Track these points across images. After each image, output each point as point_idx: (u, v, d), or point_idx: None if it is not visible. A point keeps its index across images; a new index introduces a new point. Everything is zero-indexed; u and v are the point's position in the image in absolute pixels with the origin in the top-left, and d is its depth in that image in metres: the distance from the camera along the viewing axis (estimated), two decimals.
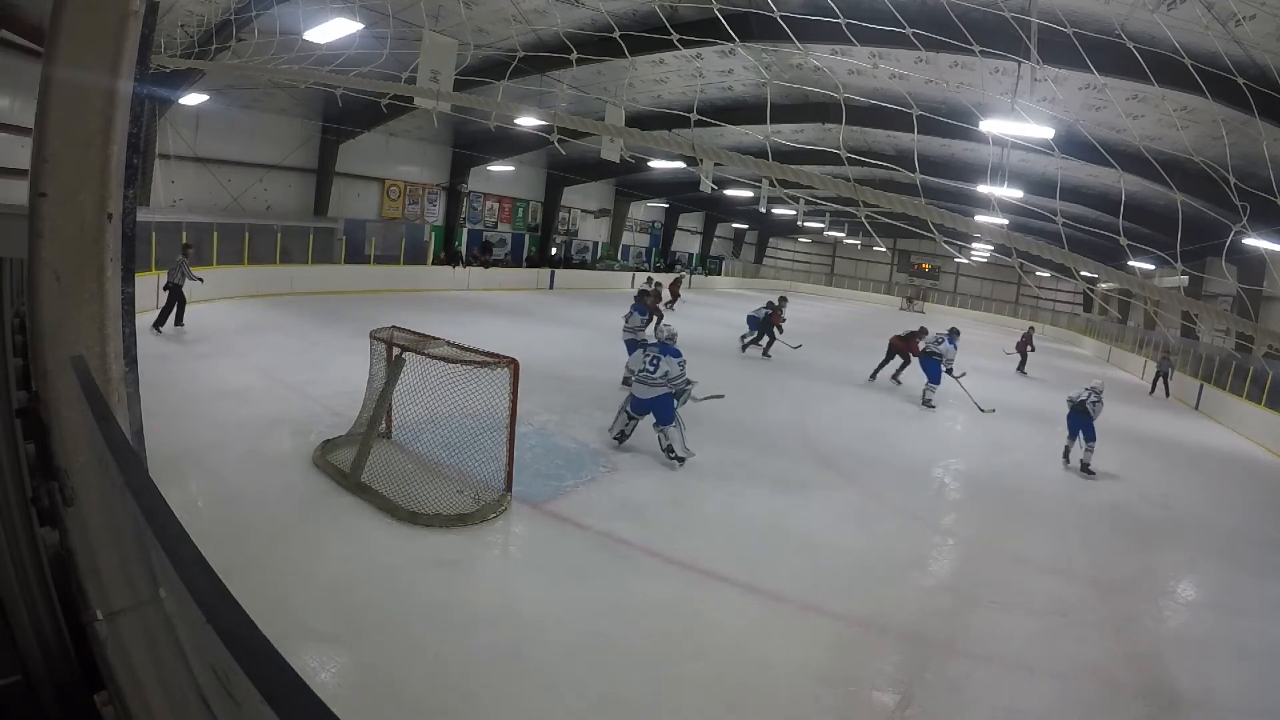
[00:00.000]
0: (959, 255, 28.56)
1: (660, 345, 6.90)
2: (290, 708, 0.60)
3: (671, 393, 6.61)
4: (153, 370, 5.43)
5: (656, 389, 6.57)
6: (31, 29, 9.02)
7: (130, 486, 1.02)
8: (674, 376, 6.58)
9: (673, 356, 6.72)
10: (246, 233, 14.81)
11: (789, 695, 3.51)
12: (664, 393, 6.56)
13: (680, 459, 6.66)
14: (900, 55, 10.57)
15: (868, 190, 2.89)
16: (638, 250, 32.20)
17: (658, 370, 6.55)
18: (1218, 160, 7.61)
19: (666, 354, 6.71)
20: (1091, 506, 7.37)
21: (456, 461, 5.52)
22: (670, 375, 6.56)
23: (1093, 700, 3.85)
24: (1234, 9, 6.86)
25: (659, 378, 6.54)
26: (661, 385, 6.56)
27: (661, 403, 6.55)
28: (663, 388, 6.56)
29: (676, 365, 6.63)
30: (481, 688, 3.29)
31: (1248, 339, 15.41)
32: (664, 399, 6.54)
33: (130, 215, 2.18)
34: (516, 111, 8.47)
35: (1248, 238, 10.00)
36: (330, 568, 4.18)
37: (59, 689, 1.28)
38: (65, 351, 1.87)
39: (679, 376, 6.63)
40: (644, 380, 6.61)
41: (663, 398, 6.55)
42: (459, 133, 20.29)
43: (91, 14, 1.85)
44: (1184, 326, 18.88)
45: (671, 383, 6.58)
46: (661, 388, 6.57)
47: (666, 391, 6.58)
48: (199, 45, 10.08)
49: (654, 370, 6.56)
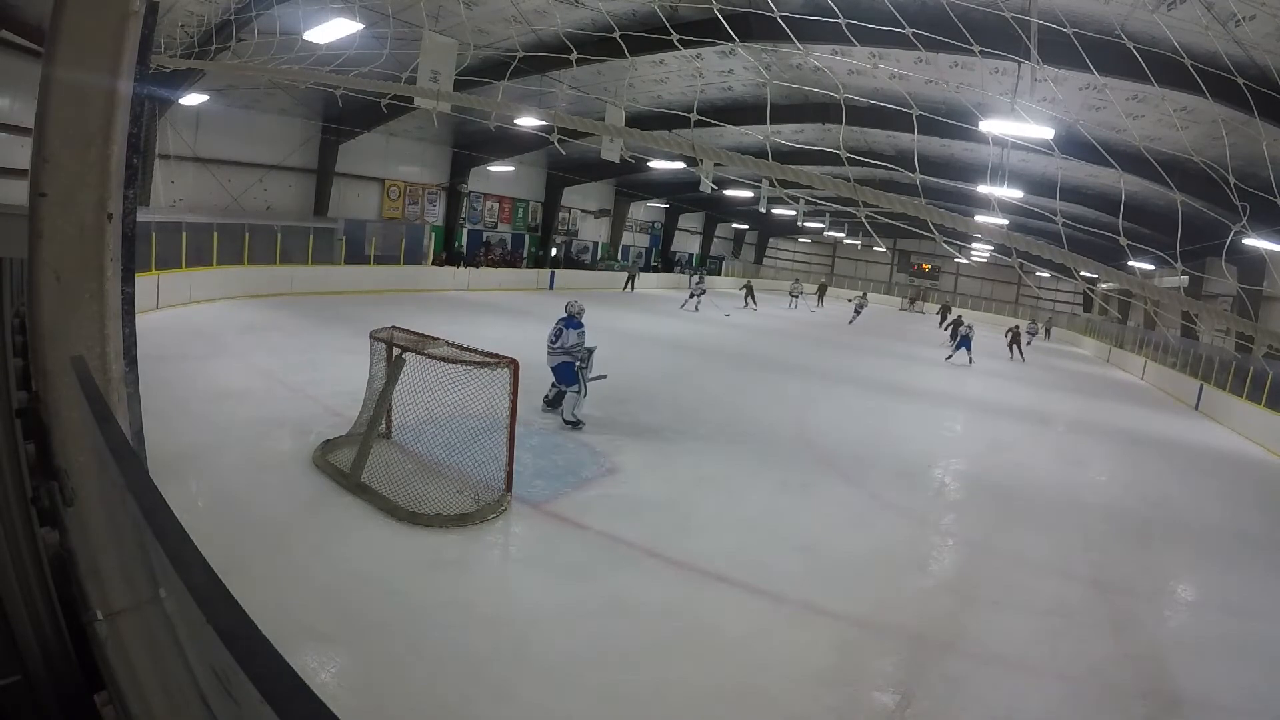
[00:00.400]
0: (959, 255, 28.53)
1: (566, 319, 7.68)
2: (290, 708, 0.60)
3: (572, 361, 7.51)
4: (153, 370, 5.42)
5: (557, 357, 7.57)
6: (31, 29, 9.05)
7: (130, 486, 1.02)
8: (571, 345, 7.51)
9: (574, 329, 7.60)
10: (246, 233, 14.81)
11: (789, 695, 3.51)
12: (563, 360, 7.54)
13: (570, 422, 7.45)
14: (900, 55, 10.56)
15: (868, 190, 2.89)
16: (637, 250, 32.22)
17: (559, 340, 7.55)
18: (1218, 160, 7.62)
19: (569, 326, 7.59)
20: (1091, 506, 7.37)
21: (456, 462, 5.52)
22: (567, 344, 7.50)
23: (1093, 700, 3.85)
24: (1234, 9, 6.86)
25: (558, 347, 7.54)
26: (561, 354, 7.53)
27: (563, 367, 7.59)
28: (562, 356, 7.53)
29: (575, 335, 7.56)
30: (481, 688, 3.29)
31: (1248, 339, 15.41)
32: (564, 365, 7.56)
33: (130, 215, 2.18)
34: (516, 111, 8.47)
35: (1248, 238, 10.00)
36: (330, 568, 4.18)
37: (59, 689, 1.28)
38: (65, 351, 1.87)
39: (576, 345, 7.54)
40: (549, 351, 7.61)
41: (563, 364, 7.55)
42: (459, 133, 20.29)
43: (91, 14, 1.85)
44: (1184, 326, 18.87)
45: (569, 351, 7.50)
46: (561, 356, 7.53)
47: (567, 360, 7.52)
48: (199, 45, 10.08)
49: (555, 340, 7.57)
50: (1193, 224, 11.58)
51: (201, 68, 10.75)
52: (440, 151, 21.05)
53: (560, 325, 7.60)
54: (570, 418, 7.49)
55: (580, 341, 7.59)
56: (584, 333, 7.70)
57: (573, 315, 7.74)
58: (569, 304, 7.92)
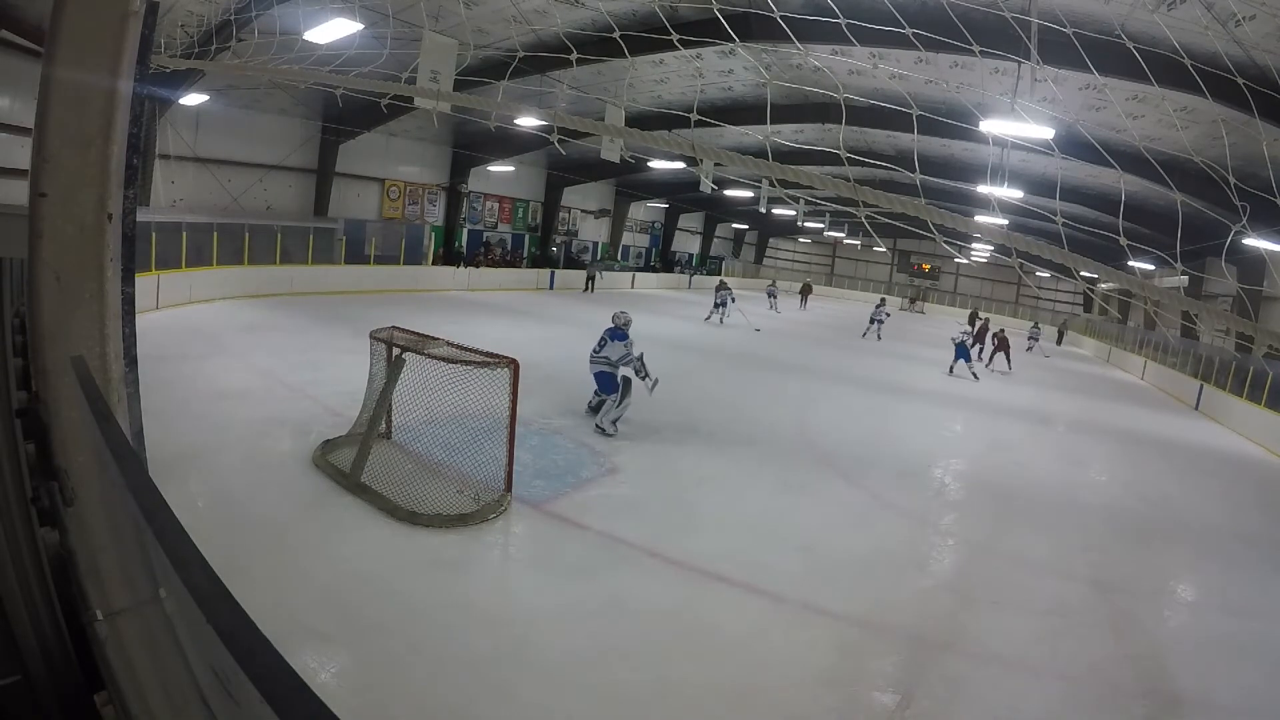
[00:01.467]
0: (959, 255, 28.54)
1: (611, 330, 7.80)
2: (290, 708, 0.60)
3: (613, 371, 7.63)
4: (153, 370, 5.42)
5: (599, 366, 7.72)
6: (31, 29, 9.05)
7: (130, 486, 1.02)
8: (618, 357, 7.63)
9: (619, 340, 7.70)
10: (246, 233, 14.81)
11: (789, 695, 3.51)
12: (604, 369, 7.66)
13: (601, 428, 7.50)
14: (900, 55, 10.56)
15: (868, 190, 2.89)
16: (637, 250, 32.22)
17: (603, 351, 7.70)
18: (1218, 160, 7.62)
19: (614, 338, 7.72)
20: (1091, 506, 7.37)
21: (456, 461, 5.52)
22: (614, 356, 7.62)
23: (1093, 700, 3.85)
24: (1234, 9, 6.86)
25: (601, 356, 7.70)
26: (603, 363, 7.67)
27: (603, 376, 7.70)
28: (604, 365, 7.67)
29: (621, 347, 7.67)
30: (481, 688, 3.29)
31: (1248, 339, 15.41)
32: (604, 374, 7.67)
33: (130, 215, 2.18)
34: (516, 111, 8.46)
35: (1248, 238, 10.00)
36: (330, 568, 4.18)
37: (59, 689, 1.28)
38: (65, 351, 1.87)
39: (623, 356, 7.65)
40: (592, 359, 7.77)
41: (604, 373, 7.67)
42: (459, 133, 20.29)
43: (91, 14, 1.85)
44: (1184, 327, 18.87)
45: (613, 363, 7.64)
46: (603, 365, 7.67)
47: (608, 370, 7.64)
48: (199, 45, 10.07)
49: (599, 350, 7.74)
50: (1193, 224, 11.58)
51: (201, 68, 10.74)
52: (440, 151, 21.05)
53: (605, 336, 7.76)
54: (603, 424, 7.54)
55: (627, 353, 7.65)
56: (630, 344, 7.77)
57: (618, 327, 7.83)
58: (615, 315, 7.99)
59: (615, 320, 7.91)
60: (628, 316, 8.03)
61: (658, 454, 7.06)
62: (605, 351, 7.67)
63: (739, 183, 22.02)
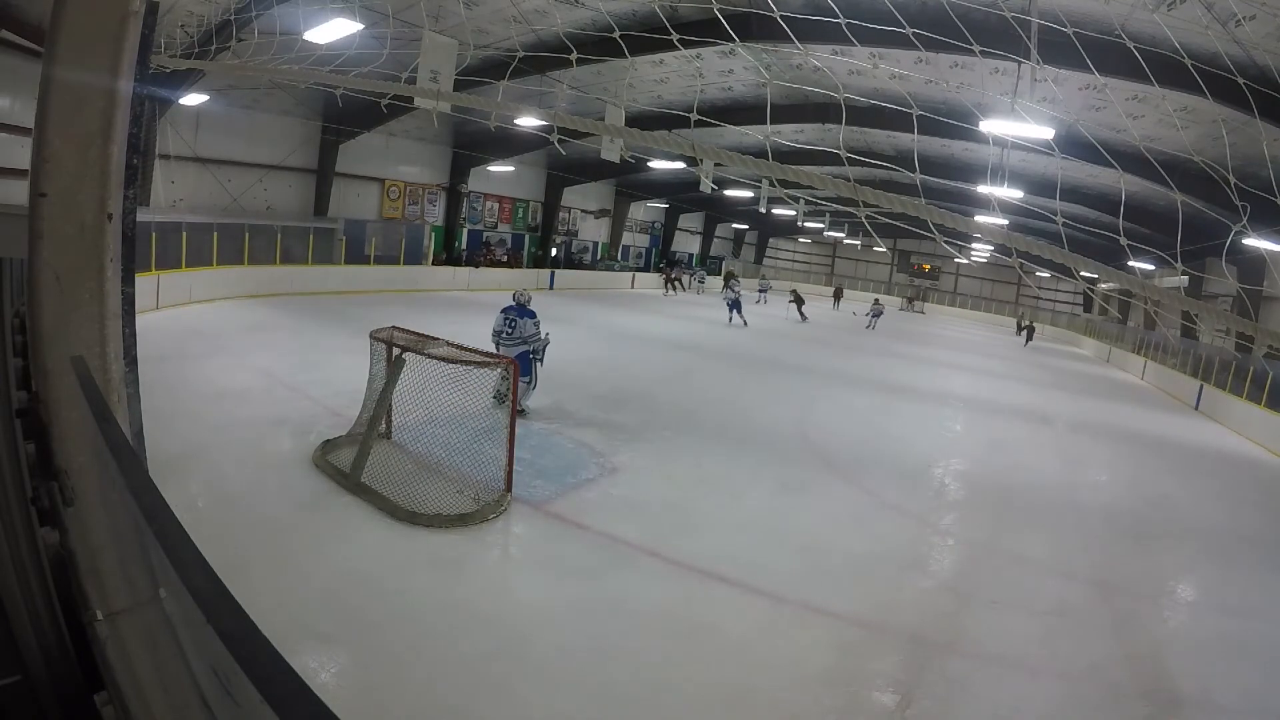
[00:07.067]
0: (959, 255, 28.52)
1: (518, 308, 7.56)
2: (290, 708, 0.59)
3: (529, 350, 7.42)
4: (152, 370, 5.42)
5: (515, 347, 7.38)
6: (31, 29, 9.05)
7: (130, 486, 1.02)
8: (529, 335, 7.41)
9: (528, 318, 7.47)
10: (246, 233, 14.81)
11: (789, 695, 3.51)
12: (522, 350, 7.38)
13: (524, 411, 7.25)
14: (900, 55, 10.55)
15: (868, 190, 2.89)
16: (637, 250, 32.20)
17: (515, 330, 7.42)
18: (1218, 160, 7.62)
19: (523, 315, 7.46)
20: (1091, 506, 7.37)
21: (456, 461, 5.52)
22: (526, 334, 7.40)
23: (1093, 700, 3.85)
24: (1234, 9, 6.86)
25: (515, 337, 7.40)
26: (519, 343, 7.38)
27: (523, 358, 7.38)
28: (520, 345, 7.37)
29: (532, 325, 7.43)
30: (481, 687, 3.29)
31: (1248, 339, 15.41)
32: (522, 356, 7.35)
33: (130, 215, 2.18)
34: (516, 111, 8.41)
35: (1248, 238, 10.00)
36: (330, 568, 4.18)
37: (59, 689, 1.28)
38: (65, 351, 1.87)
39: (534, 335, 7.43)
40: (505, 341, 7.45)
41: (521, 355, 7.36)
42: (459, 133, 20.29)
43: (91, 14, 1.85)
44: (1184, 327, 18.87)
45: (527, 340, 7.41)
46: (519, 345, 7.37)
47: (525, 349, 7.39)
48: (199, 45, 10.07)
49: (511, 330, 7.44)
50: (1193, 224, 11.59)
51: (201, 68, 10.73)
52: (440, 151, 21.04)
53: (512, 315, 7.48)
54: (525, 407, 7.37)
55: (538, 331, 7.51)
56: (539, 321, 7.60)
57: (522, 304, 7.65)
58: (516, 293, 7.83)
59: (517, 298, 7.72)
60: (529, 294, 7.92)
61: (658, 454, 7.05)
62: (518, 331, 7.44)
63: (739, 183, 22.02)
